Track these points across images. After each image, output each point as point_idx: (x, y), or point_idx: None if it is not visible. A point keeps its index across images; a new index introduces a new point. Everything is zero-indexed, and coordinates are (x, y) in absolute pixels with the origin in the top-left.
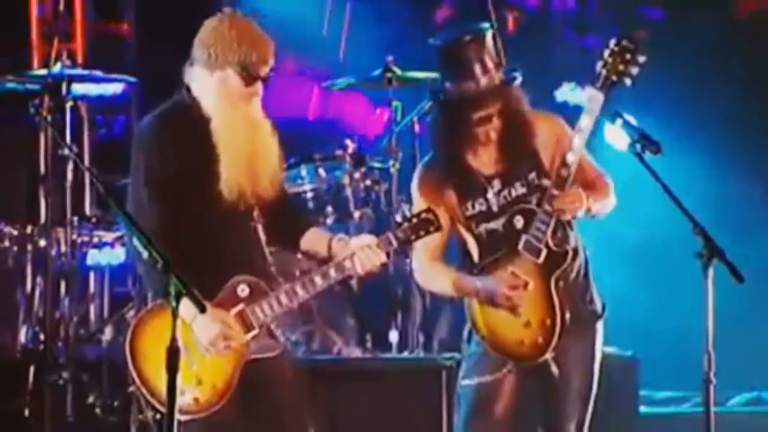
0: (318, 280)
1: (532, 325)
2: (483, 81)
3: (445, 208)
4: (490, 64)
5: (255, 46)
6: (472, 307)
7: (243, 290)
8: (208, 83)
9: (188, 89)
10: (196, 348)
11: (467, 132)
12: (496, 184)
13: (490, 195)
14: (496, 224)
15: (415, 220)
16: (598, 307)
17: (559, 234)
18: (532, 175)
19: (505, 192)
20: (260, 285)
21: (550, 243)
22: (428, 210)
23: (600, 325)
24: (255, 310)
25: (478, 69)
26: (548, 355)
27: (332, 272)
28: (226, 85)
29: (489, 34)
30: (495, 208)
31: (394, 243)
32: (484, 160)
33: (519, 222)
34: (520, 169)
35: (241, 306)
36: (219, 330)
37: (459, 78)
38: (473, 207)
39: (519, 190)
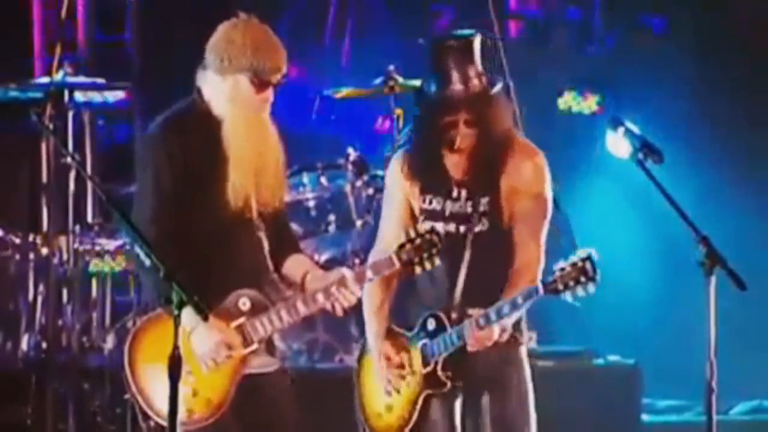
0: (320, 297)
1: (393, 412)
2: (457, 87)
3: (405, 198)
4: (472, 72)
5: (268, 53)
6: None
7: (244, 304)
8: (219, 88)
9: (200, 92)
10: (193, 360)
11: (437, 134)
12: (463, 193)
13: (450, 198)
14: (441, 227)
15: (418, 240)
16: (521, 336)
17: (451, 367)
18: (485, 200)
19: (462, 203)
20: (261, 299)
21: (439, 367)
22: (431, 231)
23: (523, 350)
24: (255, 324)
25: (455, 74)
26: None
27: (334, 290)
28: (237, 90)
29: (477, 41)
30: (447, 213)
31: (397, 264)
32: (454, 164)
33: (431, 324)
34: (481, 186)
35: (241, 320)
36: (219, 339)
37: (436, 80)
38: (430, 203)
39: (467, 208)
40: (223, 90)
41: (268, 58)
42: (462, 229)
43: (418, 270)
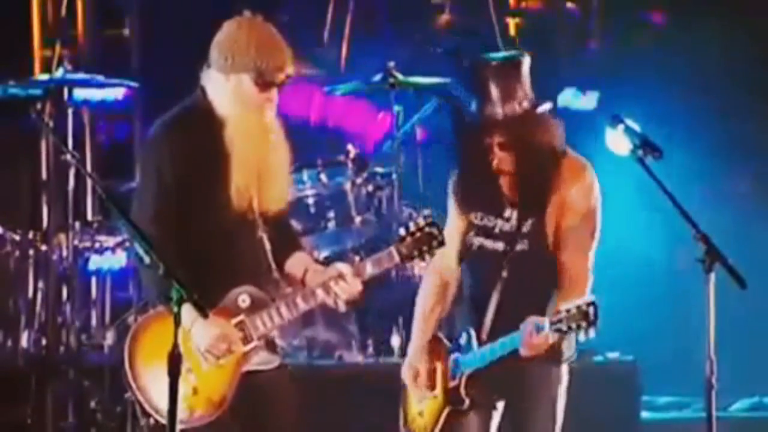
0: (319, 292)
1: (423, 418)
2: (494, 109)
3: (456, 212)
4: (515, 93)
5: (272, 53)
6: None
7: (244, 301)
8: (223, 87)
9: (203, 91)
10: (194, 358)
11: (475, 155)
12: (514, 213)
13: (501, 217)
14: (490, 245)
15: (418, 234)
16: (564, 353)
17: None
18: (530, 222)
19: (514, 223)
20: (261, 296)
21: (462, 383)
22: (431, 224)
23: (564, 369)
24: (255, 321)
25: (493, 96)
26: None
27: (332, 284)
28: (240, 89)
29: (524, 62)
30: (497, 230)
31: (397, 258)
32: (506, 184)
33: (463, 339)
34: (528, 207)
35: (241, 317)
36: (218, 333)
37: (475, 99)
38: (482, 219)
39: (510, 227)
40: (226, 89)
41: (272, 57)
42: (508, 248)
43: (421, 264)
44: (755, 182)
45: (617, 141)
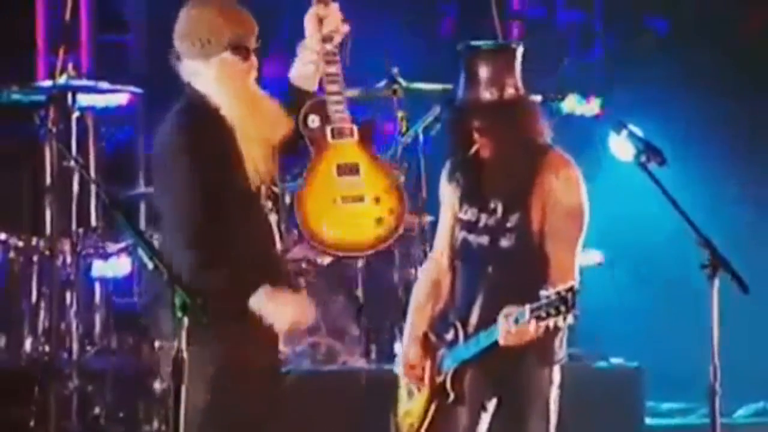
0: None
1: (411, 416)
2: (480, 93)
3: (450, 202)
4: (505, 80)
5: (241, 20)
6: None
7: (313, 121)
8: (207, 72)
9: (191, 87)
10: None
11: (460, 141)
12: (499, 207)
13: (486, 210)
14: (473, 239)
15: None
16: (558, 353)
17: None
18: (515, 216)
19: (499, 216)
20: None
21: (448, 378)
22: None
23: (556, 371)
24: (331, 109)
25: (483, 81)
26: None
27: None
28: (226, 68)
29: (517, 52)
30: (481, 224)
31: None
32: (490, 175)
33: (450, 334)
34: (511, 199)
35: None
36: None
37: (464, 85)
38: (466, 212)
39: (494, 221)
40: (212, 73)
41: (243, 25)
42: (492, 243)
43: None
44: (758, 187)
45: (621, 146)
